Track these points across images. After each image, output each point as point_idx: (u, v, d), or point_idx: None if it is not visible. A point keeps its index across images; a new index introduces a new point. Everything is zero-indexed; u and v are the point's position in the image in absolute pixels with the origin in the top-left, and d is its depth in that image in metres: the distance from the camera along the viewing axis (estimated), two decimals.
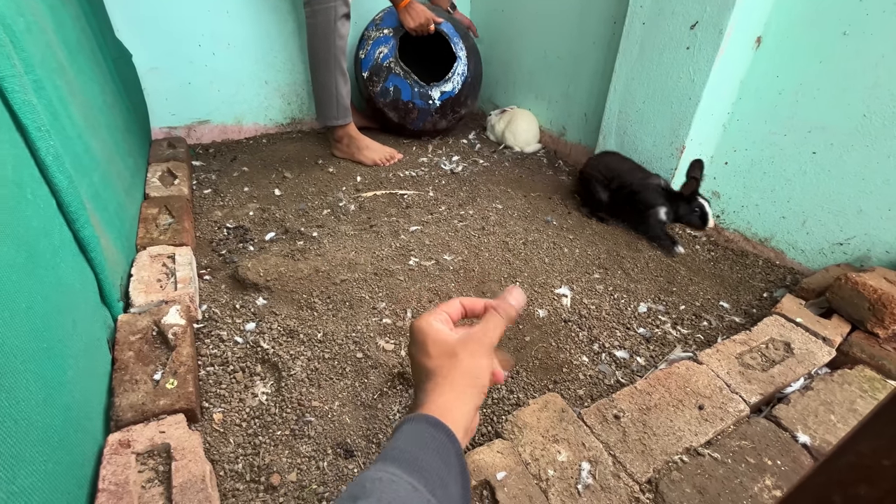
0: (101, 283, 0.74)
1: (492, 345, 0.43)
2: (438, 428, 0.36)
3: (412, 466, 0.33)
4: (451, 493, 0.34)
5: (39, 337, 0.52)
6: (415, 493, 0.31)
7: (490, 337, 0.43)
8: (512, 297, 0.45)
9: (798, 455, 0.66)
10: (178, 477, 0.55)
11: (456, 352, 0.41)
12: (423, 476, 0.33)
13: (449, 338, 0.42)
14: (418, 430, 0.36)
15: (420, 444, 0.35)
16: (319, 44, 1.39)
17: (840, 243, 1.07)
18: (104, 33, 1.26)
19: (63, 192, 0.67)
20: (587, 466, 0.61)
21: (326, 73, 1.42)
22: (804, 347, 0.84)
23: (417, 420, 0.37)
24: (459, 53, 1.63)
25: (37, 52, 0.72)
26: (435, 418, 0.37)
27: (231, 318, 0.89)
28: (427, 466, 0.33)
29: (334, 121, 1.50)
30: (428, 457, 0.34)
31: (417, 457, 0.34)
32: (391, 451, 0.35)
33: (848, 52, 0.97)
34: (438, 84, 1.62)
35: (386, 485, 0.31)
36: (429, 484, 0.32)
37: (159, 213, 1.09)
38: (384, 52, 1.57)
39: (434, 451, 0.35)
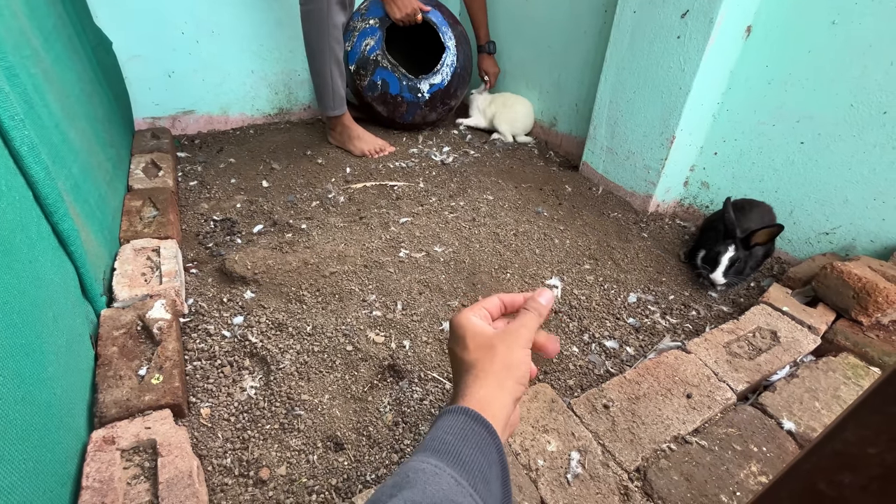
0: (82, 278, 0.72)
1: (529, 338, 0.42)
2: (478, 421, 0.35)
3: (454, 459, 0.32)
4: (492, 489, 0.33)
5: (16, 333, 0.50)
6: (458, 486, 0.30)
7: (527, 329, 0.42)
8: (543, 297, 0.46)
9: (783, 441, 0.67)
10: (164, 473, 0.54)
11: (494, 344, 0.41)
12: (465, 469, 0.32)
13: (487, 331, 0.42)
14: (458, 422, 0.35)
15: (461, 436, 0.34)
16: (313, 32, 1.36)
17: (826, 233, 1.08)
18: (82, 20, 1.22)
19: (40, 184, 0.65)
20: (577, 456, 0.61)
21: (321, 62, 1.40)
22: (790, 336, 0.85)
23: (457, 412, 0.36)
24: (448, 43, 1.60)
25: (9, 38, 0.70)
26: (474, 411, 0.36)
27: (218, 312, 0.88)
28: (468, 460, 0.33)
29: (330, 110, 1.49)
30: (468, 450, 0.33)
31: (459, 450, 0.33)
32: (432, 443, 0.34)
33: (836, 42, 0.97)
34: (427, 77, 1.58)
35: (429, 476, 0.30)
36: (470, 478, 0.31)
37: (143, 205, 1.07)
38: (370, 45, 1.52)
39: (474, 444, 0.34)
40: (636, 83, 1.26)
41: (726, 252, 1.00)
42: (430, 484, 0.29)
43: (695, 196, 1.34)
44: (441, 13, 1.61)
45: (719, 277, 1.01)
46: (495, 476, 0.34)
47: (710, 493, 0.59)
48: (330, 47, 1.38)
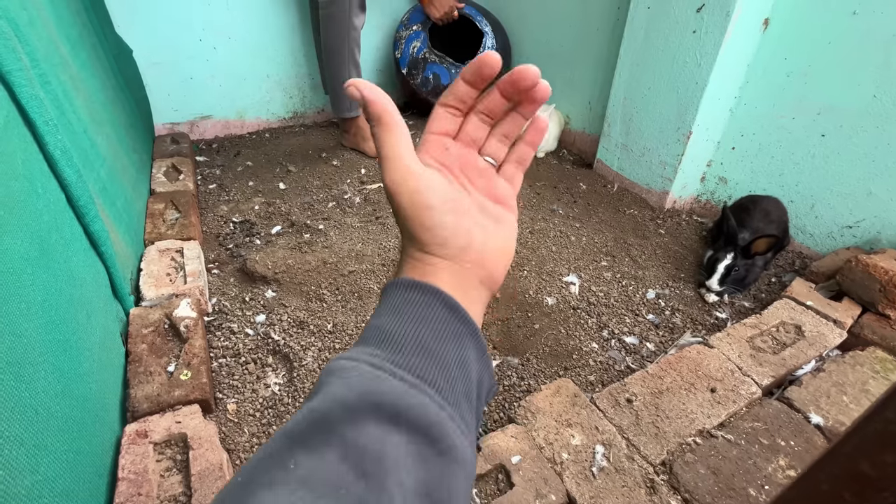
0: (112, 277, 0.74)
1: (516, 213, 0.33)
2: (416, 288, 0.27)
3: (377, 338, 0.25)
4: (442, 357, 0.24)
5: (55, 329, 0.52)
6: (373, 371, 0.22)
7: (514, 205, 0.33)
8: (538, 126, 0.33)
9: (811, 436, 0.66)
10: (196, 465, 0.55)
11: (470, 243, 0.30)
12: (391, 345, 0.24)
13: (453, 204, 0.31)
14: (389, 297, 0.27)
15: (390, 309, 0.26)
16: (334, 35, 1.39)
17: (849, 226, 1.06)
18: (104, 29, 1.25)
19: (72, 187, 0.67)
20: (601, 449, 0.61)
21: (340, 65, 1.43)
22: (815, 330, 0.84)
23: (390, 287, 0.28)
24: (485, 29, 1.70)
25: (40, 47, 0.72)
26: (412, 279, 0.27)
27: (241, 311, 0.90)
28: (395, 333, 0.25)
29: (347, 112, 1.51)
30: (397, 323, 0.25)
31: (384, 325, 0.25)
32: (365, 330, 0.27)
33: (857, 32, 0.96)
34: (472, 60, 1.66)
35: (336, 375, 0.23)
36: (396, 355, 0.24)
37: (166, 208, 1.09)
38: (417, 46, 1.67)
39: (409, 315, 0.25)
40: (651, 79, 1.25)
41: (724, 260, 0.98)
42: (334, 384, 0.22)
43: (712, 192, 1.33)
44: (473, 7, 1.73)
45: (714, 285, 0.98)
46: (448, 338, 0.25)
47: (738, 486, 0.58)
48: (349, 49, 1.40)
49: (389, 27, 1.84)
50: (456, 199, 0.28)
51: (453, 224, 0.27)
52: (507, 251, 0.31)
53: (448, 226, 0.27)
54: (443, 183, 0.28)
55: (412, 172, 0.27)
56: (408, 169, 0.27)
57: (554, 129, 1.63)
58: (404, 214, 0.27)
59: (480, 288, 0.29)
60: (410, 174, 0.27)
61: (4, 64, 0.55)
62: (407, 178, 0.27)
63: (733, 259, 0.97)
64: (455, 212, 0.28)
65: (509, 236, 0.31)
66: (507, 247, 0.31)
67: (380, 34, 1.84)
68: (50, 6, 0.85)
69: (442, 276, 0.27)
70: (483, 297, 0.29)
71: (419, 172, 0.27)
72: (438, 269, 0.27)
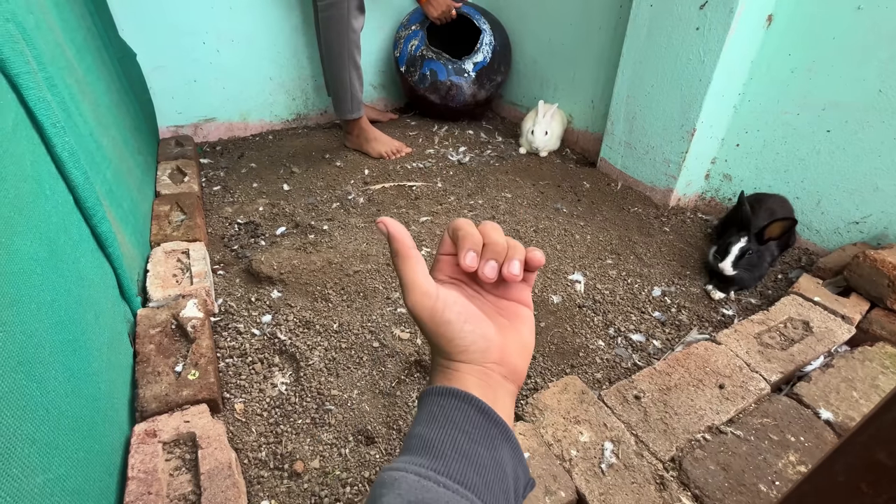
0: (119, 278, 0.75)
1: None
2: (456, 396, 0.30)
3: (422, 448, 0.27)
4: (478, 461, 0.27)
5: (64, 329, 0.52)
6: (419, 482, 0.25)
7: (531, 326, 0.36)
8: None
9: (821, 431, 0.66)
10: (205, 464, 0.56)
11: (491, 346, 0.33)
12: (432, 454, 0.27)
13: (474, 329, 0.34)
14: (428, 403, 0.30)
15: (428, 418, 0.29)
16: (333, 37, 1.39)
17: (856, 222, 1.06)
18: (108, 32, 1.26)
19: (79, 188, 0.67)
20: (610, 446, 0.61)
21: (340, 67, 1.43)
22: (823, 326, 0.83)
23: (430, 393, 0.31)
24: (483, 27, 1.71)
25: (47, 50, 0.73)
26: (453, 388, 0.30)
27: (247, 311, 0.90)
28: (436, 441, 0.27)
29: (349, 114, 1.51)
30: (437, 431, 0.28)
31: (427, 434, 0.28)
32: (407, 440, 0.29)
33: (862, 27, 0.95)
34: (469, 57, 1.70)
35: (388, 486, 0.25)
36: (439, 463, 0.26)
37: (171, 209, 1.10)
38: (415, 44, 1.70)
39: (449, 422, 0.28)
40: (654, 77, 1.25)
41: (737, 242, 0.97)
42: (387, 496, 0.24)
43: (717, 189, 1.32)
44: (472, 6, 1.74)
45: (728, 267, 0.96)
46: (482, 441, 0.28)
47: (748, 482, 0.58)
48: (349, 52, 1.40)
49: (391, 28, 1.85)
50: (470, 310, 0.31)
51: (471, 332, 0.31)
52: (526, 346, 0.33)
53: (467, 335, 0.30)
54: (457, 298, 0.32)
55: (429, 295, 0.30)
56: (425, 292, 0.30)
57: (557, 129, 1.63)
58: (427, 330, 0.31)
59: (505, 384, 0.32)
60: (427, 296, 0.30)
61: (13, 67, 0.55)
62: (424, 300, 0.30)
63: (747, 242, 0.96)
64: (471, 321, 0.31)
65: (526, 332, 0.33)
66: (526, 341, 0.33)
67: (381, 35, 1.85)
68: (56, 10, 0.86)
69: (469, 379, 0.30)
70: (510, 391, 0.32)
71: (435, 294, 0.30)
72: (465, 374, 0.31)
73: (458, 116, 1.89)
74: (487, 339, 0.31)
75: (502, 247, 0.31)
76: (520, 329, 0.33)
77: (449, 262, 0.34)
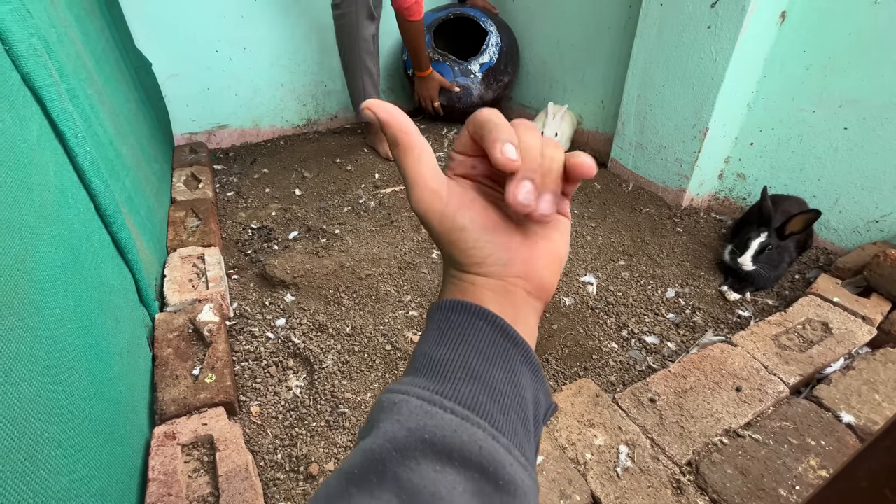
0: (138, 284, 0.76)
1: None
2: (467, 311, 0.25)
3: (427, 367, 0.24)
4: (493, 383, 0.23)
5: (87, 334, 0.53)
6: (422, 406, 0.22)
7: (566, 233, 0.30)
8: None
9: (842, 435, 0.64)
10: (222, 466, 0.56)
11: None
12: (440, 375, 0.23)
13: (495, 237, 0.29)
14: (436, 320, 0.26)
15: (438, 335, 0.25)
16: (345, 45, 1.44)
17: (876, 220, 1.04)
18: (125, 44, 1.29)
19: (100, 196, 0.69)
20: (625, 450, 0.60)
21: (353, 73, 1.48)
22: (843, 327, 0.82)
23: (437, 310, 0.27)
24: (489, 28, 1.70)
25: (69, 63, 0.75)
26: (461, 301, 0.26)
27: (261, 315, 0.91)
28: (443, 360, 0.24)
29: (362, 117, 1.56)
30: (443, 350, 0.24)
31: (432, 353, 0.24)
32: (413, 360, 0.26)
33: (880, 22, 0.94)
34: (476, 58, 1.70)
35: (388, 412, 0.22)
36: (446, 385, 0.23)
37: (186, 215, 1.12)
38: None
39: (459, 338, 0.24)
40: (665, 76, 1.24)
41: (757, 237, 0.96)
42: (385, 421, 0.22)
43: (731, 188, 1.31)
44: (478, 9, 1.73)
45: (747, 261, 0.95)
46: (498, 361, 0.24)
47: (768, 486, 0.57)
48: (360, 59, 1.44)
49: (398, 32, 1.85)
50: (489, 215, 0.26)
51: (490, 241, 0.26)
52: (555, 257, 0.27)
53: (484, 244, 0.26)
54: (474, 198, 0.26)
55: (437, 195, 0.25)
56: (433, 192, 0.25)
57: (567, 130, 1.63)
58: (437, 238, 0.26)
59: (529, 300, 0.27)
60: (436, 197, 0.25)
61: (37, 80, 0.57)
62: (433, 201, 0.25)
63: (768, 237, 0.95)
64: (490, 228, 0.26)
65: (558, 240, 0.28)
66: (556, 252, 0.27)
67: (389, 40, 1.86)
68: (76, 24, 0.89)
69: (486, 294, 0.26)
70: (535, 308, 0.27)
71: (445, 192, 0.25)
72: (481, 288, 0.26)
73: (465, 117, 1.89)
74: (509, 251, 0.26)
75: (538, 160, 0.24)
76: (551, 237, 0.27)
77: (465, 162, 0.28)
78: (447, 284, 0.27)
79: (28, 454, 0.37)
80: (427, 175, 0.25)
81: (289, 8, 1.61)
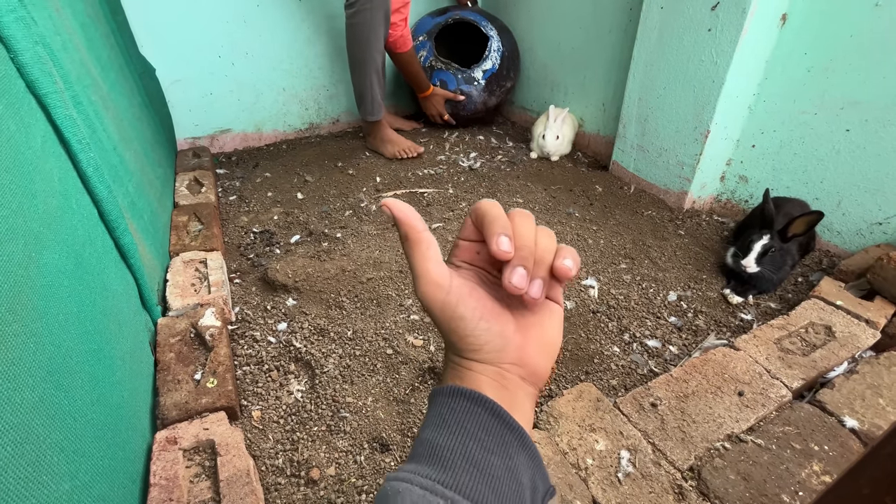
0: (141, 288, 0.77)
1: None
2: (471, 399, 0.27)
3: (430, 456, 0.25)
4: (492, 473, 0.25)
5: (90, 339, 0.54)
6: (424, 496, 0.23)
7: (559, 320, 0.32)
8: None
9: (846, 440, 0.64)
10: (224, 471, 0.57)
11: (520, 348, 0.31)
12: (442, 464, 0.25)
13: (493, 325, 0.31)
14: (438, 406, 0.28)
15: (439, 423, 0.27)
16: (358, 44, 1.43)
17: (879, 223, 1.03)
18: (129, 49, 1.30)
19: (104, 202, 0.70)
20: (626, 455, 0.60)
21: (363, 72, 1.47)
22: (846, 330, 0.81)
23: (441, 394, 0.28)
24: (490, 33, 1.71)
25: (73, 70, 0.76)
26: (466, 388, 0.27)
27: (263, 319, 0.92)
28: (445, 448, 0.25)
29: (369, 116, 1.57)
30: (446, 438, 0.26)
31: (436, 441, 0.26)
32: (417, 446, 0.27)
33: (881, 24, 0.93)
34: (478, 65, 1.72)
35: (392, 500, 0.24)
36: (447, 475, 0.24)
37: (189, 220, 1.12)
38: (424, 55, 1.72)
39: (461, 429, 0.26)
40: (666, 79, 1.24)
41: (760, 239, 0.95)
42: None
43: (733, 191, 1.30)
44: (478, 13, 1.74)
45: (751, 263, 0.94)
46: (495, 449, 0.26)
47: (771, 492, 0.57)
48: (372, 58, 1.44)
49: None
50: (487, 305, 0.28)
51: (486, 331, 0.28)
52: (548, 344, 0.30)
53: (481, 333, 0.28)
54: (473, 290, 0.28)
55: (439, 286, 0.27)
56: (436, 284, 0.27)
57: (568, 133, 1.63)
58: (438, 323, 0.28)
59: (524, 385, 0.29)
60: (438, 289, 0.27)
61: (42, 87, 0.58)
62: (435, 292, 0.27)
63: (770, 239, 0.95)
64: (487, 317, 0.28)
65: (551, 327, 0.30)
66: (549, 339, 0.30)
67: None
68: (81, 31, 0.89)
69: (483, 380, 0.28)
70: (529, 393, 0.29)
71: (448, 284, 0.27)
72: (479, 374, 0.28)
73: (468, 122, 1.91)
74: (504, 338, 0.28)
75: (531, 249, 0.27)
76: (544, 325, 0.29)
77: (469, 248, 0.30)
78: (447, 369, 0.30)
79: (30, 460, 0.37)
80: (432, 269, 0.27)
81: (291, 13, 1.63)
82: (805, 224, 0.94)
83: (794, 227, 0.94)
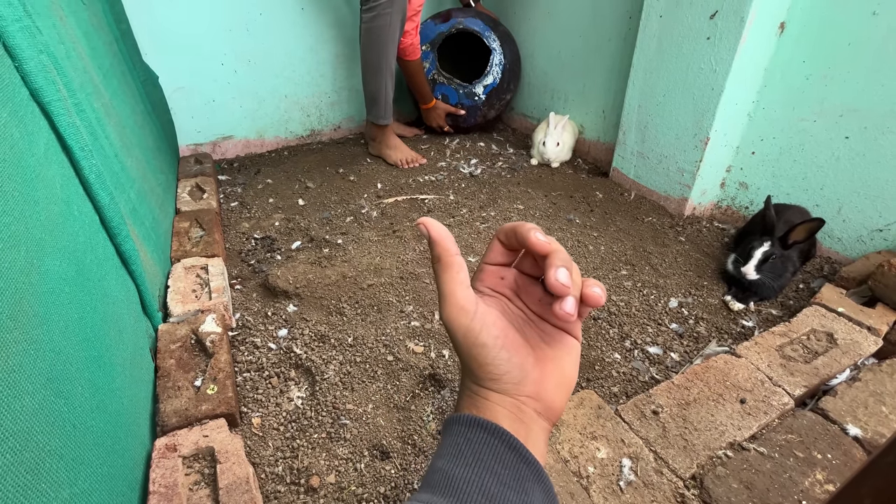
0: (142, 295, 0.77)
1: None
2: (488, 431, 0.28)
3: (445, 487, 0.25)
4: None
5: (90, 346, 0.54)
6: None
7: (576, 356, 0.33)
8: None
9: (849, 448, 0.63)
10: (223, 479, 0.56)
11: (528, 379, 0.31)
12: (456, 495, 0.25)
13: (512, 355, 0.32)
14: (454, 436, 0.28)
15: (454, 454, 0.27)
16: (374, 47, 1.42)
17: (880, 229, 1.03)
18: (133, 57, 1.31)
19: (105, 209, 0.70)
20: (628, 463, 0.60)
21: (378, 76, 1.47)
22: (848, 337, 0.81)
23: (457, 423, 0.29)
24: (493, 45, 1.71)
25: (76, 77, 0.76)
26: (483, 419, 0.28)
27: (264, 326, 0.91)
28: (460, 480, 0.25)
29: (380, 119, 1.57)
30: (462, 469, 0.26)
31: (452, 471, 0.26)
32: (429, 474, 0.28)
33: (879, 32, 0.94)
34: (480, 80, 1.73)
35: None
36: (459, 499, 0.24)
37: (191, 226, 1.13)
38: (427, 67, 1.71)
39: (476, 461, 0.26)
40: (666, 86, 1.25)
41: (761, 246, 0.95)
42: None
43: (733, 197, 1.31)
44: (481, 20, 1.72)
45: (751, 271, 0.94)
46: (512, 483, 0.26)
47: (773, 501, 0.56)
48: (388, 62, 1.45)
49: None
50: (509, 335, 0.29)
51: (506, 361, 0.28)
52: (565, 382, 0.30)
53: (501, 363, 0.28)
54: (497, 318, 0.29)
55: (465, 311, 0.27)
56: (462, 308, 0.27)
57: (568, 140, 1.63)
58: (459, 348, 0.28)
59: (539, 419, 0.29)
60: (463, 312, 0.27)
61: (45, 95, 0.58)
62: (460, 316, 0.27)
63: (771, 247, 0.94)
64: (509, 348, 0.28)
65: (568, 363, 0.30)
66: (566, 378, 0.30)
67: None
68: (84, 39, 0.90)
69: (500, 411, 0.28)
70: (543, 428, 0.29)
71: (473, 311, 0.28)
72: (495, 405, 0.28)
73: (469, 129, 1.93)
74: (523, 371, 0.28)
75: (578, 274, 0.27)
76: (562, 361, 0.29)
77: (494, 273, 0.31)
78: (463, 397, 0.30)
79: (30, 467, 0.37)
80: (459, 293, 0.28)
81: (293, 21, 1.64)
82: (806, 231, 0.94)
83: (794, 234, 0.94)
